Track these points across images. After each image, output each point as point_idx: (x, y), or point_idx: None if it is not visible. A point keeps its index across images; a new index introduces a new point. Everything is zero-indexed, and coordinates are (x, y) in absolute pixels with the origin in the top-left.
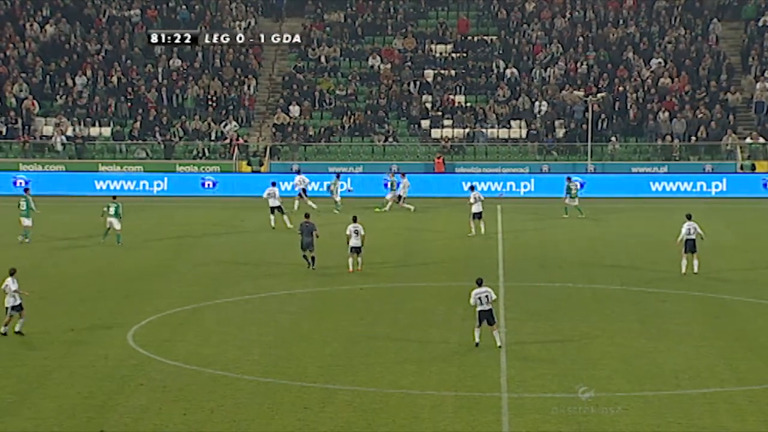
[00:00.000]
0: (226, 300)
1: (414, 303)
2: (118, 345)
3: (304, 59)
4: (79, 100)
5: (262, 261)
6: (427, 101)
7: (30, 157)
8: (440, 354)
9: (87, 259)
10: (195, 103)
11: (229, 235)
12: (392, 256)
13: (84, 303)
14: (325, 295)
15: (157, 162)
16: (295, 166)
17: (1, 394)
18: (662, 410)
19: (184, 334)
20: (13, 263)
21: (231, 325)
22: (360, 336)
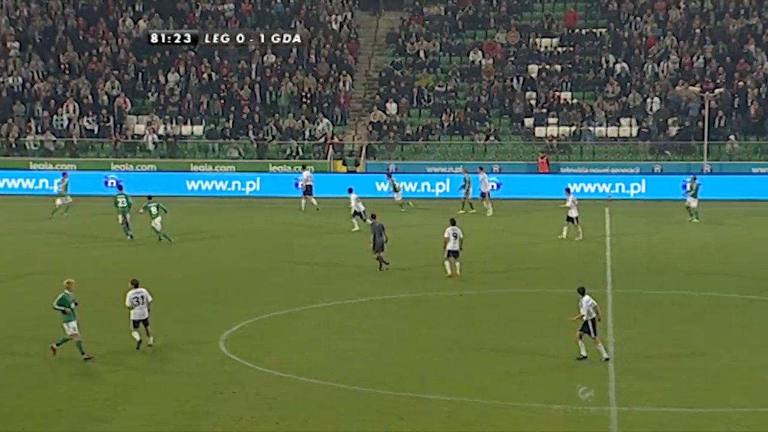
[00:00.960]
0: (321, 305)
1: (518, 310)
2: (210, 351)
3: (402, 54)
4: (171, 97)
5: (358, 264)
6: (531, 98)
7: (121, 157)
8: (547, 365)
9: (178, 261)
10: (289, 101)
11: (324, 237)
12: (493, 261)
13: (176, 307)
14: (424, 301)
15: (250, 162)
16: (392, 166)
17: (94, 400)
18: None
19: (278, 340)
20: (103, 265)
21: (326, 331)
22: (460, 344)
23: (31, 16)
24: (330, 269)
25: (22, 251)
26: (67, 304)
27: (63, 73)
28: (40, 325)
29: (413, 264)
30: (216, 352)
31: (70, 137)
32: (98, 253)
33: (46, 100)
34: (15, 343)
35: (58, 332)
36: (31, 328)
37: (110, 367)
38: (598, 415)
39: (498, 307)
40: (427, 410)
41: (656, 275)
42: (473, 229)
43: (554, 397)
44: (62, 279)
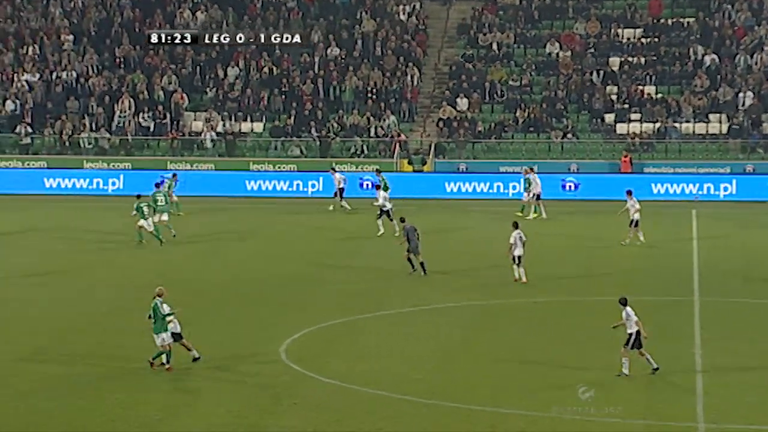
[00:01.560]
0: (387, 312)
1: (596, 319)
2: (270, 360)
3: (474, 46)
4: (231, 93)
5: (427, 269)
6: (612, 93)
7: (178, 155)
8: (627, 377)
9: (236, 265)
10: (353, 96)
11: (389, 240)
12: (569, 266)
13: (233, 313)
14: (495, 309)
15: (312, 160)
16: (462, 166)
17: (148, 411)
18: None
19: (341, 348)
20: (152, 270)
21: (392, 339)
22: (535, 355)
23: (86, 7)
24: (392, 274)
25: (74, 253)
26: (155, 314)
27: (118, 68)
28: (96, 330)
29: (481, 269)
30: (276, 361)
31: (126, 135)
32: (154, 256)
33: (100, 96)
34: (71, 347)
35: (111, 338)
36: (87, 334)
37: (166, 377)
38: (685, 430)
39: (574, 315)
40: (500, 425)
41: (747, 282)
42: (546, 232)
43: (633, 412)
44: (116, 282)
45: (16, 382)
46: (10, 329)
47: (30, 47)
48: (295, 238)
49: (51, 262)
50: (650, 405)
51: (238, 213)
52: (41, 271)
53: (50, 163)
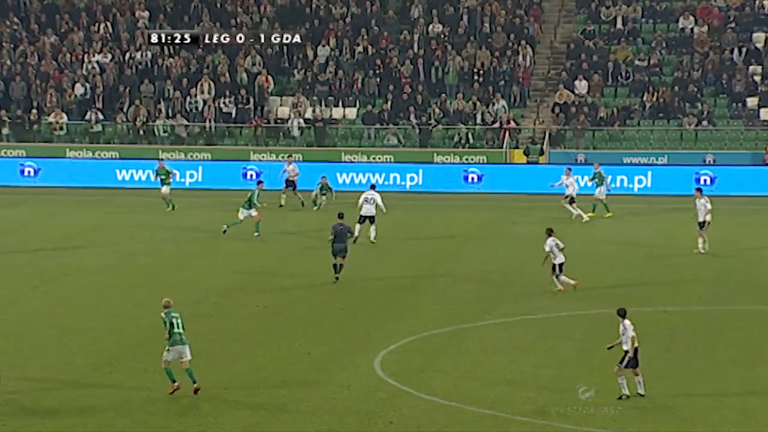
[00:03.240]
0: (493, 321)
1: (735, 331)
2: (363, 374)
3: (596, 22)
4: (321, 75)
5: (537, 273)
6: (755, 73)
7: (262, 144)
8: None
9: (323, 267)
10: (458, 79)
11: (497, 240)
12: (705, 271)
13: (324, 321)
14: (612, 318)
15: (411, 150)
16: (581, 156)
17: (232, 429)
18: None
19: (442, 362)
20: (242, 269)
21: (499, 352)
22: (666, 370)
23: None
24: (504, 280)
25: (149, 252)
26: (166, 326)
27: (198, 48)
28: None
29: (601, 275)
30: (370, 375)
31: (205, 122)
32: (235, 258)
33: (177, 79)
34: (143, 358)
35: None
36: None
37: (249, 391)
38: None
39: (710, 326)
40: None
41: None
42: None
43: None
44: (199, 287)
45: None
46: (83, 336)
47: (102, 25)
48: (388, 239)
49: (128, 263)
50: None
51: (333, 207)
52: (119, 271)
53: (122, 154)
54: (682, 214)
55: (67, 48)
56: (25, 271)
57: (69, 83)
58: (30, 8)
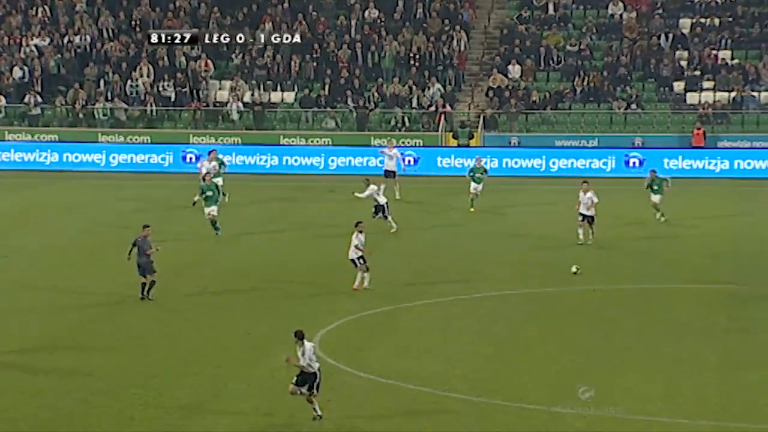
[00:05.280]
0: (427, 301)
1: (662, 309)
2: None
3: (529, 7)
4: (259, 59)
5: (470, 254)
6: (681, 58)
7: (201, 128)
8: (696, 373)
9: (266, 250)
10: (394, 63)
11: (433, 223)
12: (631, 250)
13: (264, 302)
14: (549, 298)
15: (349, 134)
16: (514, 140)
17: (169, 409)
18: None
19: (379, 341)
20: (181, 255)
21: (435, 331)
22: (594, 349)
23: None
24: (438, 261)
25: (89, 233)
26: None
27: (136, 32)
28: (112, 321)
29: (535, 254)
30: None
31: (144, 105)
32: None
33: (117, 63)
34: (84, 339)
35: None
36: (102, 326)
37: (189, 368)
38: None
39: (638, 304)
40: (555, 425)
41: None
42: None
43: (705, 412)
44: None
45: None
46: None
47: (39, 9)
48: (330, 222)
49: (69, 244)
50: (723, 405)
51: (267, 191)
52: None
53: (62, 136)
54: (613, 196)
55: (4, 32)
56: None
57: (6, 67)
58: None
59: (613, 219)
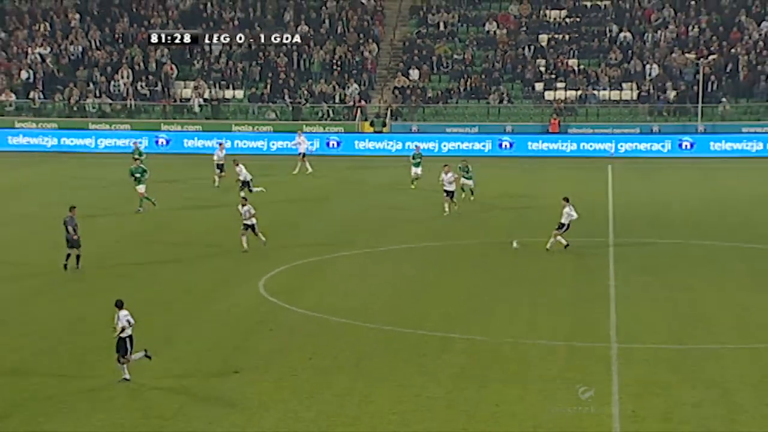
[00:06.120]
0: (350, 252)
1: (526, 258)
2: (250, 294)
3: (424, 25)
4: (215, 64)
5: (382, 217)
6: (541, 65)
7: (170, 118)
8: (552, 307)
9: (214, 217)
10: (321, 67)
11: (353, 192)
12: (505, 216)
13: (216, 258)
14: (442, 250)
15: (286, 123)
16: (415, 127)
17: (146, 337)
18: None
19: (311, 284)
20: (139, 225)
21: (354, 276)
22: (475, 289)
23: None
24: (357, 222)
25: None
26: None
27: (118, 43)
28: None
29: (434, 216)
30: (255, 295)
31: (125, 100)
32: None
33: (103, 67)
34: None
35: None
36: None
37: (161, 307)
38: (600, 351)
39: (511, 255)
40: (447, 348)
41: (655, 226)
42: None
43: (558, 335)
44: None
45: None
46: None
47: (41, 25)
48: (274, 193)
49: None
50: (572, 330)
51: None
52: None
53: (60, 125)
54: (487, 171)
55: (14, 42)
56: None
57: (16, 70)
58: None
59: (495, 189)
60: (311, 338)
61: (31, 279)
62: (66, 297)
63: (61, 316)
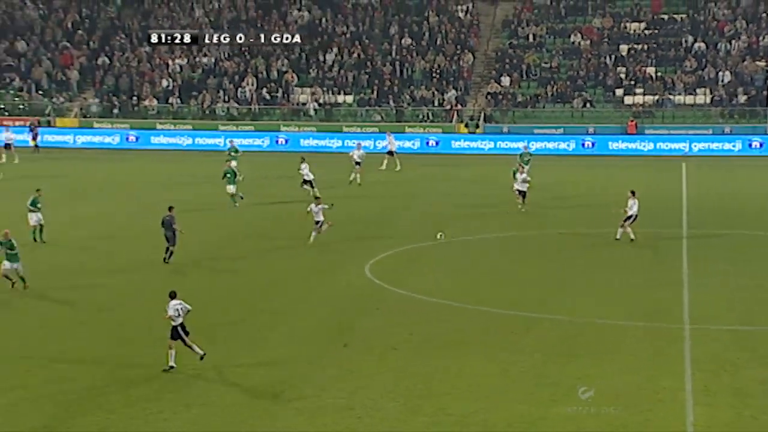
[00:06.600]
0: (442, 241)
1: (603, 247)
2: (358, 276)
3: (515, 37)
4: (329, 72)
5: (473, 209)
6: (621, 72)
7: (288, 120)
8: (628, 291)
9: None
10: (422, 75)
11: (447, 186)
12: (586, 209)
13: (327, 246)
14: (527, 239)
15: (390, 124)
16: (506, 128)
17: (264, 314)
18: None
19: (411, 268)
20: (271, 213)
21: (449, 262)
22: (558, 274)
23: (221, 8)
24: (446, 213)
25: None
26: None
27: (244, 54)
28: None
29: (517, 209)
30: (363, 277)
31: (250, 105)
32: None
33: (231, 76)
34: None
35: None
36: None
37: (277, 289)
38: (674, 332)
39: (587, 245)
40: (533, 326)
41: (728, 218)
42: (568, 179)
43: (635, 317)
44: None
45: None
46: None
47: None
48: (379, 185)
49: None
50: (647, 312)
51: (335, 165)
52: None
53: (194, 126)
54: (571, 169)
55: (156, 55)
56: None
57: (158, 79)
58: (131, 27)
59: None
60: (411, 317)
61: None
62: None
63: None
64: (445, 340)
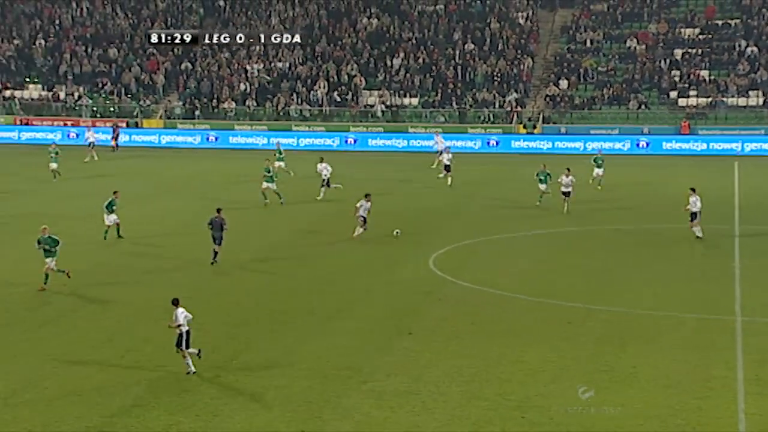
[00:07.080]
0: (502, 236)
1: (658, 243)
2: (421, 269)
3: (573, 42)
4: (395, 76)
5: (531, 205)
6: (676, 75)
7: (357, 121)
8: (682, 284)
9: (393, 205)
10: (483, 78)
11: (507, 183)
12: (640, 205)
13: (392, 240)
14: (582, 234)
15: (453, 125)
16: (563, 129)
17: (332, 303)
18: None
19: (472, 261)
20: (332, 207)
21: (505, 256)
22: (613, 268)
23: (295, 17)
24: (505, 209)
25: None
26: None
27: (316, 59)
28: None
29: (574, 204)
30: (427, 269)
31: (321, 107)
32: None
33: (304, 79)
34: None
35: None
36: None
37: (343, 276)
38: (725, 323)
39: (640, 238)
40: (589, 317)
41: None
42: (625, 181)
43: (687, 308)
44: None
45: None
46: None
47: (257, 47)
48: (436, 183)
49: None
50: (699, 303)
51: (401, 164)
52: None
53: (269, 127)
54: (626, 168)
55: (236, 60)
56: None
57: (236, 82)
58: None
59: (631, 182)
60: (473, 307)
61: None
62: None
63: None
64: (505, 329)
